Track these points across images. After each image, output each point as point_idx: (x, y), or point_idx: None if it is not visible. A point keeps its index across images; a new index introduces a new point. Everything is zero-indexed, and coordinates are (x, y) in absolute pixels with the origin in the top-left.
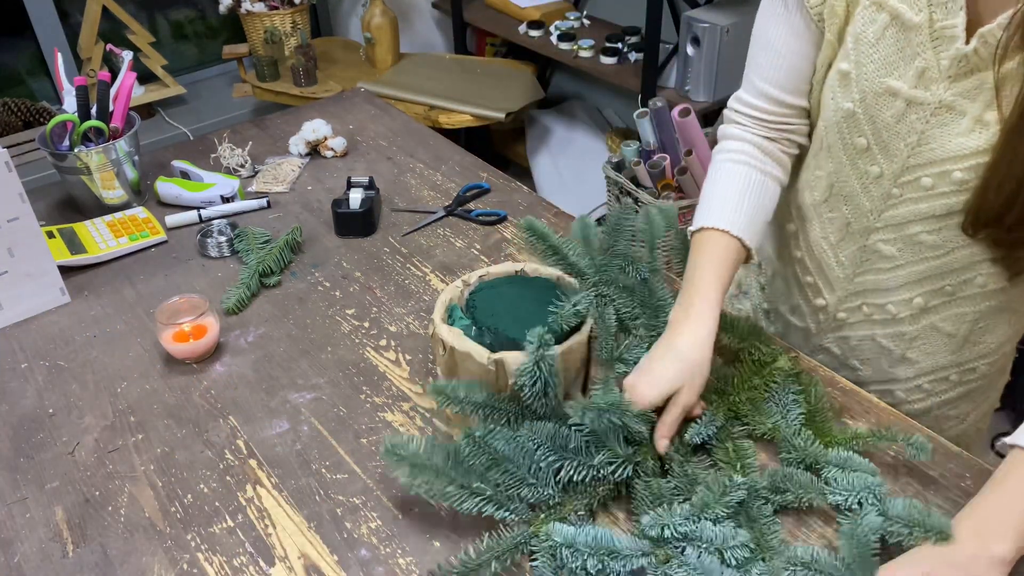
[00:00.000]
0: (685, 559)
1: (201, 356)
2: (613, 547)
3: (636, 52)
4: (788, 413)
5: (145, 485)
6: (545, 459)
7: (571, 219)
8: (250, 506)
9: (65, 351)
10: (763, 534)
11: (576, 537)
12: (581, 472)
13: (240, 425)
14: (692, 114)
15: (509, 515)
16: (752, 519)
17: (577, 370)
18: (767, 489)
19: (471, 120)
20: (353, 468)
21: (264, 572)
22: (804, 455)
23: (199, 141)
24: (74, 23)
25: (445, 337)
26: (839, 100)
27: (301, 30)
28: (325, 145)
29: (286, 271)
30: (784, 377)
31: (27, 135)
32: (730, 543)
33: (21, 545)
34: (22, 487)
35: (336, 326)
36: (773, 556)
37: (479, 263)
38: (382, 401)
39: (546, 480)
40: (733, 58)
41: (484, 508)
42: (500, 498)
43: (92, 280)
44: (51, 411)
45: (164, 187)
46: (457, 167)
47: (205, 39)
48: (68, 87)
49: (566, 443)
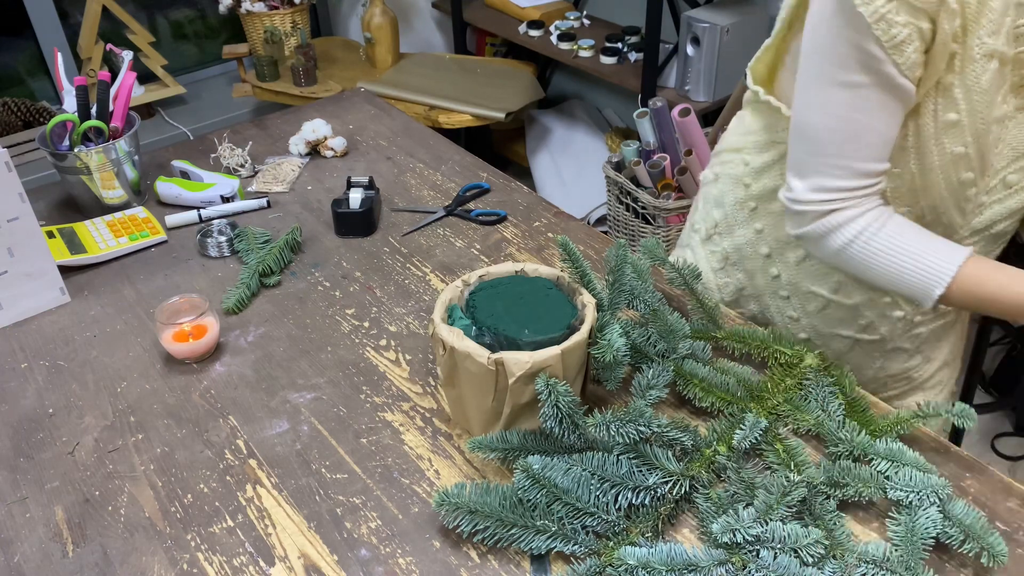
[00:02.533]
0: (762, 562)
1: (201, 356)
2: (689, 560)
3: (636, 52)
4: (828, 406)
5: (145, 485)
6: (600, 487)
7: (571, 219)
8: (250, 506)
9: (65, 351)
10: (830, 530)
11: (650, 557)
12: (640, 495)
13: (240, 425)
14: (692, 114)
15: (577, 548)
16: (816, 516)
17: (577, 370)
18: (826, 484)
19: (471, 120)
20: (353, 468)
21: (264, 572)
22: (851, 447)
23: (199, 141)
24: (74, 23)
25: (445, 337)
26: (947, 145)
27: (301, 30)
28: (325, 145)
29: (286, 271)
30: (815, 373)
31: (27, 135)
32: (804, 541)
33: (21, 545)
34: (22, 487)
35: (336, 326)
36: (844, 553)
37: (479, 263)
38: (382, 401)
39: (607, 508)
40: (733, 58)
41: (552, 544)
42: (566, 532)
43: (92, 280)
44: (51, 411)
45: (164, 187)
46: (457, 167)
47: (205, 39)
48: (68, 87)
49: (617, 469)
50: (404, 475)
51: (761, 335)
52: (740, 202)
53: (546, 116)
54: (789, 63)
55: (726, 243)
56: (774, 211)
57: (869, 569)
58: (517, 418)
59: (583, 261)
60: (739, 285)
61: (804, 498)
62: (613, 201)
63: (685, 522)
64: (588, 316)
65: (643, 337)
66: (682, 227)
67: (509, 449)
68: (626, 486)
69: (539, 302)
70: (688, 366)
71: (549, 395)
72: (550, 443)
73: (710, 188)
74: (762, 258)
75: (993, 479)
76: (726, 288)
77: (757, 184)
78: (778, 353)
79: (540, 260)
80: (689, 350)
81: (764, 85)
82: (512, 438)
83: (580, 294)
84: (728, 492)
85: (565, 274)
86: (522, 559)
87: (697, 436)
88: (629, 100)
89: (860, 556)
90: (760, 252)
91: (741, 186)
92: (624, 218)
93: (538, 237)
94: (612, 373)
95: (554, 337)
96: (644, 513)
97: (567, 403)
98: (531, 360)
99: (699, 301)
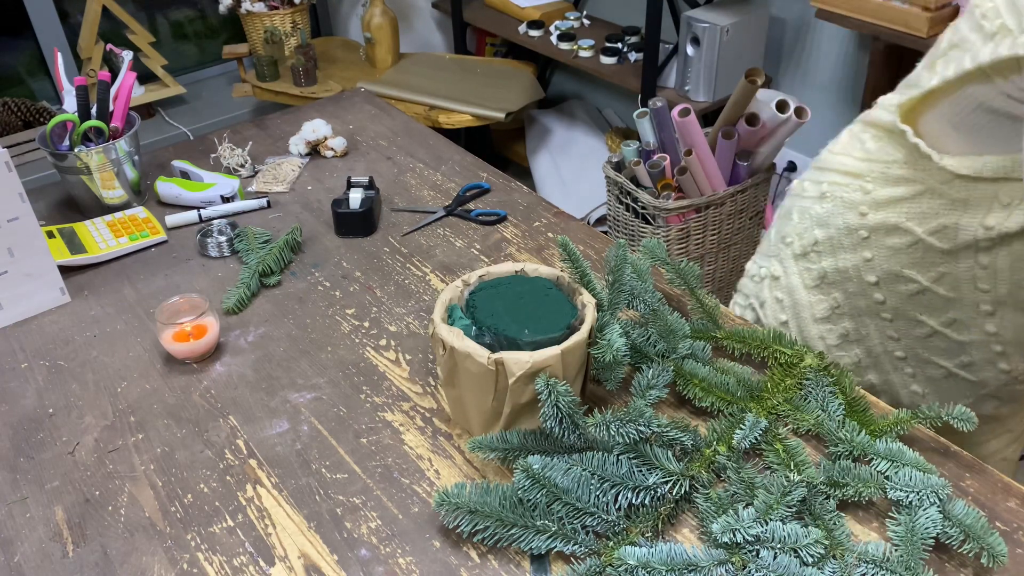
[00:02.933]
0: (762, 562)
1: (201, 356)
2: (689, 560)
3: (636, 52)
4: (828, 406)
5: (145, 485)
6: (600, 487)
7: (571, 219)
8: (250, 506)
9: (65, 351)
10: (830, 530)
11: (650, 557)
12: (640, 495)
13: (240, 425)
14: (692, 114)
15: (577, 548)
16: (816, 516)
17: (577, 370)
18: (825, 484)
19: (471, 120)
20: (353, 468)
21: (264, 572)
22: (851, 447)
23: (199, 141)
24: (74, 23)
25: (445, 337)
26: None
27: (301, 30)
28: (325, 145)
29: (286, 271)
30: (815, 373)
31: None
32: (804, 541)
33: (21, 545)
34: (22, 487)
35: (336, 326)
36: (844, 553)
37: (479, 263)
38: (382, 401)
39: (607, 508)
40: (733, 58)
41: (552, 544)
42: (566, 532)
43: (92, 280)
44: (51, 411)
45: (164, 187)
46: (457, 167)
47: (205, 39)
48: (68, 87)
49: (617, 469)
50: (404, 475)
51: (761, 335)
52: (851, 229)
53: (546, 116)
54: (947, 109)
55: (826, 263)
56: (890, 245)
57: (869, 569)
58: (517, 418)
59: (583, 261)
60: (835, 304)
61: (804, 498)
62: (613, 201)
63: (685, 522)
64: (588, 316)
65: (643, 337)
66: (682, 227)
67: (509, 449)
68: (626, 486)
69: (539, 302)
70: (688, 366)
71: (549, 395)
72: (550, 443)
73: (813, 205)
74: (868, 284)
75: (993, 479)
76: (819, 305)
77: (875, 215)
78: (778, 353)
79: (540, 260)
80: (689, 350)
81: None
82: (512, 438)
83: (580, 294)
84: (728, 492)
85: (565, 274)
86: (522, 559)
87: (697, 436)
88: (629, 100)
89: (860, 556)
90: (866, 279)
91: (855, 213)
92: (624, 218)
93: (538, 237)
94: (612, 373)
95: (554, 337)
96: (644, 513)
97: (567, 403)
98: (531, 360)
99: (699, 301)
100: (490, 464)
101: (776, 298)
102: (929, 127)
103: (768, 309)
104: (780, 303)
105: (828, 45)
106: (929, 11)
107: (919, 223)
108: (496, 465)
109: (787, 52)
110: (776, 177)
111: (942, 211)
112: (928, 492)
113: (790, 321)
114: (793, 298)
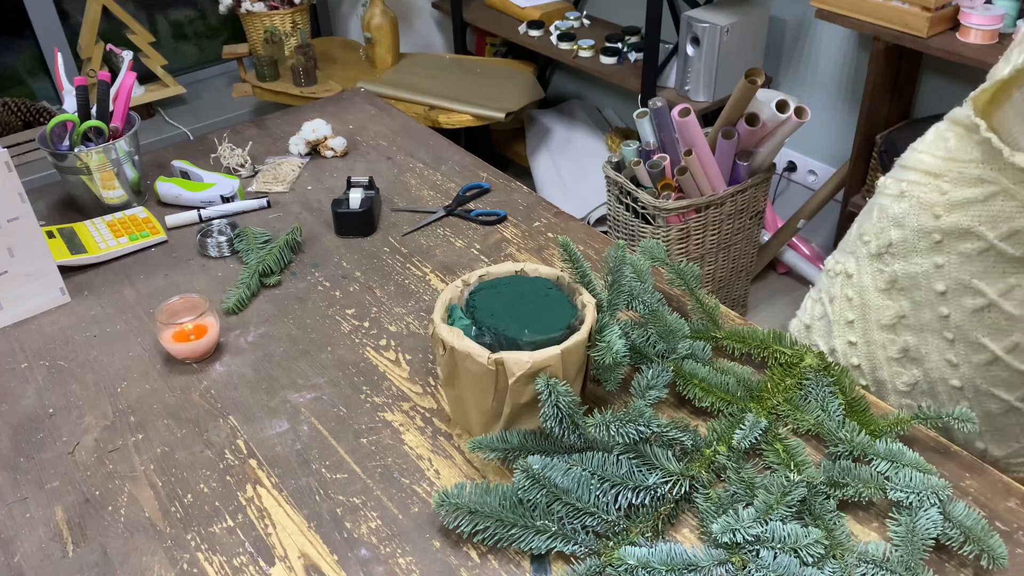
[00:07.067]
0: (762, 562)
1: (201, 356)
2: (689, 560)
3: (636, 52)
4: (828, 406)
5: (145, 485)
6: (600, 487)
7: (571, 219)
8: (250, 506)
9: (65, 351)
10: (830, 530)
11: (650, 557)
12: (640, 495)
13: (240, 425)
14: (692, 114)
15: (577, 548)
16: (816, 516)
17: (577, 370)
18: (825, 484)
19: (471, 120)
20: (353, 468)
21: (264, 572)
22: (851, 447)
23: (199, 141)
24: (74, 23)
25: (445, 337)
26: None
27: (301, 30)
28: (325, 145)
29: (286, 271)
30: (815, 373)
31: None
32: (804, 541)
33: (21, 545)
34: (22, 487)
35: (336, 326)
36: (844, 553)
37: (479, 263)
38: (382, 401)
39: (607, 508)
40: (733, 58)
41: (552, 544)
42: (566, 532)
43: (92, 280)
44: (51, 411)
45: (164, 187)
46: (457, 167)
47: (205, 39)
48: (68, 87)
49: (617, 469)
50: (404, 475)
51: (761, 335)
52: (925, 231)
53: (546, 116)
54: (1020, 101)
55: (898, 266)
56: (961, 251)
57: (869, 569)
58: (517, 418)
59: (583, 261)
60: (900, 312)
61: (804, 498)
62: (613, 201)
63: (685, 522)
64: (588, 316)
65: (643, 338)
66: (682, 227)
67: (509, 449)
68: (626, 486)
69: (539, 302)
70: (688, 366)
71: (549, 395)
72: (550, 443)
73: (892, 204)
74: (935, 294)
75: (993, 479)
76: (886, 311)
77: (949, 218)
78: (778, 353)
79: (540, 260)
80: (689, 350)
81: (983, 116)
82: (512, 438)
83: (580, 294)
84: (728, 492)
85: (565, 274)
86: (522, 559)
87: (697, 436)
88: (629, 100)
89: (860, 556)
90: (935, 288)
91: (930, 214)
92: (624, 218)
93: (538, 237)
94: (612, 374)
95: (554, 337)
96: (644, 513)
97: (567, 403)
98: (531, 360)
99: (699, 301)
100: (490, 464)
101: (846, 296)
102: (1003, 121)
103: (836, 305)
104: (850, 301)
105: (828, 45)
106: (929, 11)
107: (991, 227)
108: (496, 465)
109: (787, 52)
110: (776, 177)
111: (1015, 214)
112: (928, 493)
113: (856, 322)
114: (863, 298)
